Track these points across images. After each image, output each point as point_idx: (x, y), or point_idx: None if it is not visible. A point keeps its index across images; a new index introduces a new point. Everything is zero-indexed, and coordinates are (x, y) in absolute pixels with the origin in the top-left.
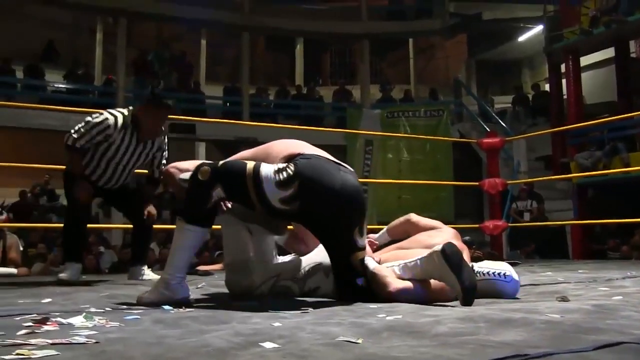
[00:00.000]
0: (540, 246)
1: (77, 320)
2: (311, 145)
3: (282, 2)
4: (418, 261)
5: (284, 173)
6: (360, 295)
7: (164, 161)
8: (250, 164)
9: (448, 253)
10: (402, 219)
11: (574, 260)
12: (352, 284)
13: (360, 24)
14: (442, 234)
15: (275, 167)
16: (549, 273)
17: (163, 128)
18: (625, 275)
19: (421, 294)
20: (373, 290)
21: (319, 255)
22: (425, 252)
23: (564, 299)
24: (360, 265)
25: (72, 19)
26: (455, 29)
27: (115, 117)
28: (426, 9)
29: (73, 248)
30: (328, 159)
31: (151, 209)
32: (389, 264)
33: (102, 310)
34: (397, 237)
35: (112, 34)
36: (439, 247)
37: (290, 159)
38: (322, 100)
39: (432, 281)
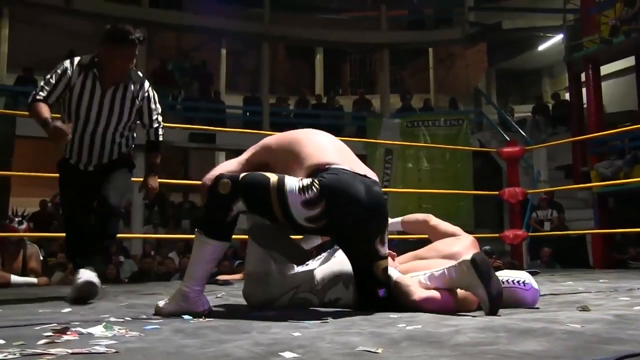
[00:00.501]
0: (561, 255)
1: (97, 330)
2: (339, 145)
3: (302, 11)
4: (445, 270)
5: (310, 192)
6: (382, 306)
7: (156, 117)
8: (273, 178)
9: (478, 262)
10: (420, 216)
11: (595, 269)
12: (374, 294)
13: (380, 34)
14: (461, 242)
15: (299, 183)
16: (570, 282)
17: (134, 68)
18: None
19: (447, 302)
20: (396, 299)
21: (338, 265)
22: (445, 262)
23: (585, 309)
24: (382, 274)
25: (93, 29)
26: (475, 38)
27: (72, 60)
28: (446, 18)
29: (70, 252)
30: (355, 173)
31: (152, 181)
32: (413, 274)
33: (122, 320)
34: (411, 232)
35: None
36: (468, 257)
37: (315, 171)
38: (342, 110)
39: (458, 290)
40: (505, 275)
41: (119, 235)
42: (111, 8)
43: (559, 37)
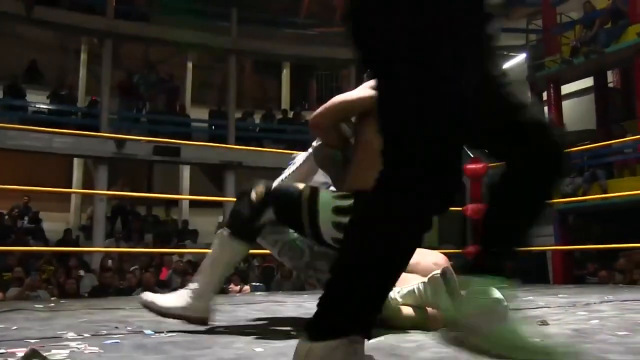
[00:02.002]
0: (522, 271)
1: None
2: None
3: (269, 26)
4: (415, 288)
5: (345, 202)
6: None
7: None
8: (305, 189)
9: (448, 277)
10: None
11: (555, 284)
12: None
13: (348, 50)
14: (432, 257)
15: (333, 192)
16: (530, 297)
17: None
18: (602, 300)
19: (417, 320)
20: None
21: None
22: (417, 277)
23: (544, 323)
24: None
25: (57, 40)
26: None
27: None
28: None
29: None
30: None
31: None
32: None
33: (81, 336)
34: None
35: (97, 55)
36: (438, 272)
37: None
38: (308, 125)
39: (428, 309)
40: None
41: (78, 249)
42: (75, 18)
43: (522, 57)
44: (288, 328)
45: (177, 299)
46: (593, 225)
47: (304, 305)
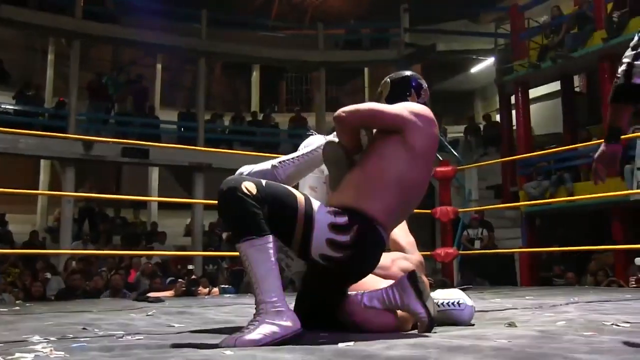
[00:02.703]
0: (490, 273)
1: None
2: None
3: (239, 28)
4: (383, 292)
5: (341, 216)
6: (334, 325)
7: None
8: (301, 198)
9: (415, 279)
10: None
11: (522, 286)
12: (333, 317)
13: (317, 52)
14: (404, 263)
15: (328, 207)
16: (498, 300)
17: None
18: (569, 301)
19: (386, 323)
20: (338, 318)
21: None
22: (383, 281)
23: (512, 325)
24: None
25: (24, 40)
26: (410, 59)
27: None
28: (382, 39)
29: None
30: None
31: None
32: (351, 293)
33: (47, 340)
34: None
35: (65, 55)
36: (405, 275)
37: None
38: (277, 127)
39: (398, 312)
40: (440, 298)
41: (45, 251)
42: (43, 18)
43: (490, 60)
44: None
45: (259, 327)
46: (560, 227)
47: None
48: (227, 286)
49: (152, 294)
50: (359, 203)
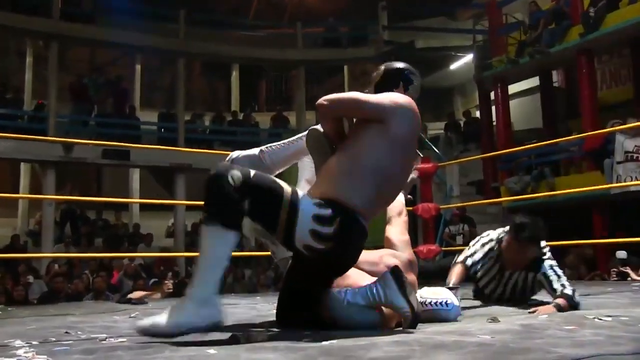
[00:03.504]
0: None
1: None
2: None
3: (217, 28)
4: (367, 289)
5: (325, 208)
6: (316, 323)
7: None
8: (287, 189)
9: (398, 275)
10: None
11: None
12: (316, 314)
13: (296, 51)
14: (391, 259)
15: (314, 200)
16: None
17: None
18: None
19: (371, 320)
20: (321, 316)
21: None
22: (372, 279)
23: (495, 320)
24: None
25: (1, 42)
26: (389, 57)
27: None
28: (361, 37)
29: None
30: None
31: None
32: (335, 290)
33: (29, 344)
34: None
35: (43, 57)
36: (387, 270)
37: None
38: (258, 126)
39: (383, 308)
40: (428, 297)
41: (27, 255)
42: (19, 20)
43: (469, 57)
44: (240, 331)
45: (180, 312)
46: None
47: (257, 307)
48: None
49: (134, 295)
50: (340, 194)
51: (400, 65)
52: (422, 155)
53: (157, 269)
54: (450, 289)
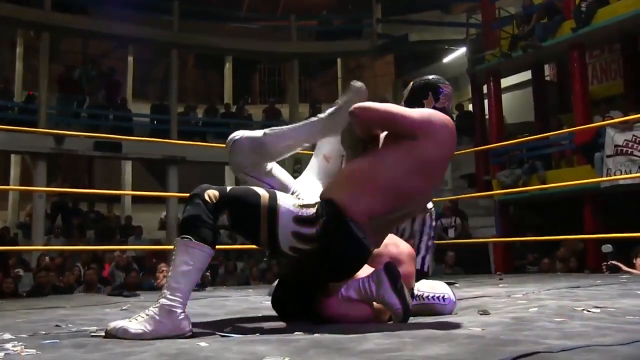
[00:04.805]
0: (464, 261)
1: None
2: None
3: (211, 20)
4: (360, 282)
5: (308, 210)
6: (309, 317)
7: None
8: (265, 195)
9: (391, 270)
10: None
11: (496, 274)
12: (310, 308)
13: (290, 44)
14: (397, 250)
15: (296, 200)
16: (472, 288)
17: None
18: (541, 288)
19: (363, 315)
20: (314, 310)
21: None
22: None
23: (485, 313)
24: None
25: None
26: (383, 50)
27: None
28: (355, 30)
29: None
30: None
31: None
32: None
33: (18, 337)
34: None
35: (34, 48)
36: (380, 266)
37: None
38: (251, 119)
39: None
40: (425, 290)
41: (17, 247)
42: (10, 10)
43: (462, 50)
44: (232, 325)
45: (148, 320)
46: (533, 215)
47: (249, 299)
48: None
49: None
50: (340, 198)
51: (427, 77)
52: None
53: (149, 262)
54: (449, 283)
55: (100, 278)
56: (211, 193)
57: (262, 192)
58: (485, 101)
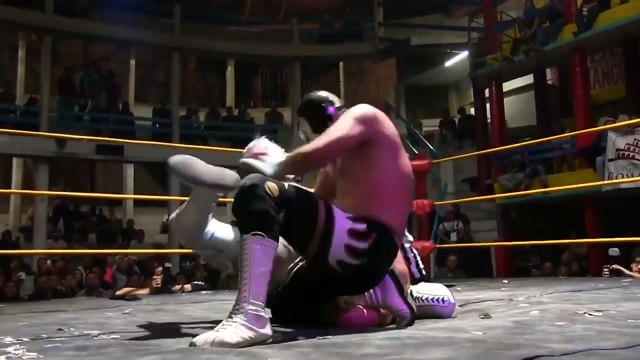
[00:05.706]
0: (466, 265)
1: None
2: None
3: (213, 23)
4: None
5: (360, 223)
6: (313, 321)
7: None
8: (321, 203)
9: (396, 275)
10: None
11: (498, 278)
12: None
13: (292, 47)
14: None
15: (347, 213)
16: (474, 291)
17: None
18: (543, 292)
19: (369, 319)
20: (322, 315)
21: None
22: None
23: (487, 316)
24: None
25: None
26: (385, 53)
27: None
28: (356, 33)
29: None
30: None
31: None
32: None
33: (20, 341)
34: None
35: (36, 51)
36: (386, 274)
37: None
38: (253, 122)
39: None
40: (424, 292)
41: (19, 251)
42: (11, 13)
43: (464, 54)
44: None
45: (240, 328)
46: (535, 218)
47: None
48: (199, 282)
49: (123, 290)
50: (373, 211)
51: (309, 99)
52: (417, 152)
53: (151, 265)
54: (449, 286)
55: (102, 281)
56: (271, 186)
57: (320, 202)
58: (487, 105)
